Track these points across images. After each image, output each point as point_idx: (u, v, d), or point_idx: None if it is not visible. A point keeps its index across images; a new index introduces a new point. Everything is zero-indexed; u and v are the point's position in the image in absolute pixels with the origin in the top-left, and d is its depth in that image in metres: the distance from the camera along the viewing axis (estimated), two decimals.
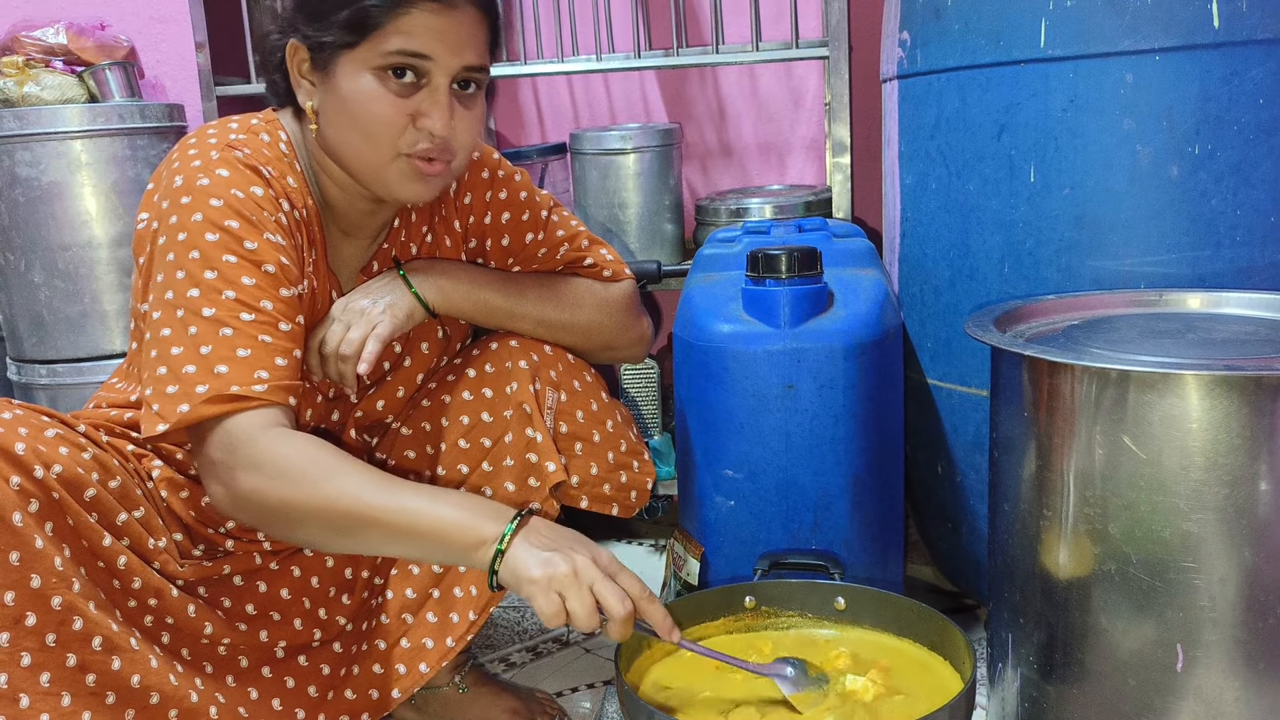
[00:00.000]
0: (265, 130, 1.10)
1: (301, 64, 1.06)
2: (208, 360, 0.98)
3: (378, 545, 1.01)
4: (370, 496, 0.97)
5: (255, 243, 1.01)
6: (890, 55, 1.49)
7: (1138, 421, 0.95)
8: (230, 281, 1.00)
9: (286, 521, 1.00)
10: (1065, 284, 1.30)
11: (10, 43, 1.89)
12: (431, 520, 0.96)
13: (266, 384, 0.98)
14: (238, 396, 0.97)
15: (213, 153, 1.05)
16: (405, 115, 1.03)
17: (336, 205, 1.13)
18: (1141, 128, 1.24)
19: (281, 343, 1.01)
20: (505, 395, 1.17)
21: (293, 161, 1.10)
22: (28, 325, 1.83)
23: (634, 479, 1.25)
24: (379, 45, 1.01)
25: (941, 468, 1.48)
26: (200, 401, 0.97)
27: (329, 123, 1.06)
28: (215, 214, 1.01)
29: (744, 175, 2.15)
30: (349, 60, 1.02)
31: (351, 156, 1.06)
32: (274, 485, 0.97)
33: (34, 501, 0.94)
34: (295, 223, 1.07)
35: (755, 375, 1.29)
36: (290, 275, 1.04)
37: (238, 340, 0.99)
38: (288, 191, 1.07)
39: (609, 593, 0.93)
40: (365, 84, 1.02)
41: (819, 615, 1.18)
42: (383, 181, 1.07)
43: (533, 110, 2.18)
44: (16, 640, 0.92)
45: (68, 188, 1.76)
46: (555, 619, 0.93)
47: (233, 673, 1.11)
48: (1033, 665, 1.07)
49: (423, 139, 1.04)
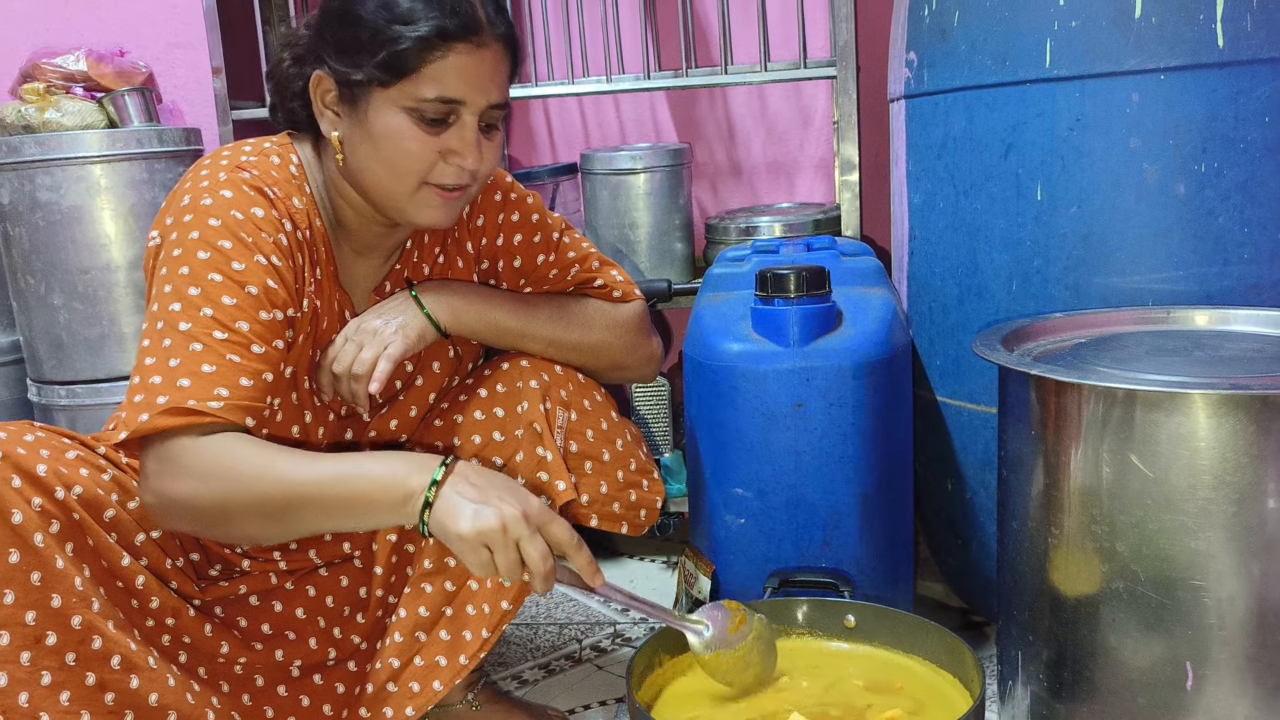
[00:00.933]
0: (277, 153, 1.12)
1: (326, 94, 1.08)
2: (174, 373, 0.99)
3: (314, 523, 1.01)
4: (296, 474, 0.98)
5: (244, 264, 1.03)
6: (897, 75, 1.50)
7: (1145, 440, 0.95)
8: (211, 299, 1.01)
9: (223, 519, 1.00)
10: (1073, 302, 1.30)
11: (32, 70, 1.93)
12: (358, 482, 0.98)
13: (224, 401, 0.98)
14: (193, 411, 0.97)
15: (221, 174, 1.07)
16: (435, 152, 1.06)
17: (350, 226, 1.15)
18: (1148, 146, 1.24)
19: (250, 364, 1.01)
20: (516, 414, 1.18)
21: (302, 183, 1.12)
22: (47, 347, 1.85)
23: (643, 498, 1.26)
24: (412, 88, 1.03)
25: (951, 485, 1.48)
26: (158, 412, 0.98)
27: (354, 153, 1.08)
28: (211, 233, 1.03)
29: (753, 194, 2.16)
30: (380, 98, 1.04)
31: (374, 186, 1.08)
32: (204, 486, 0.97)
33: (55, 522, 0.96)
34: (298, 243, 1.09)
35: (765, 394, 1.30)
36: (276, 298, 1.04)
37: (205, 356, 0.99)
38: (292, 212, 1.09)
39: (533, 549, 0.95)
40: (396, 122, 1.04)
41: (828, 633, 1.18)
42: (403, 210, 1.09)
43: (544, 131, 2.20)
44: (37, 659, 0.93)
45: (87, 211, 1.79)
46: (483, 571, 0.96)
47: (249, 691, 1.12)
48: (1042, 683, 1.07)
49: (449, 173, 1.07)
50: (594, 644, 1.60)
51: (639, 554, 1.96)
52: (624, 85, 1.86)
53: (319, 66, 1.07)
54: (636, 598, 1.05)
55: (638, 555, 1.96)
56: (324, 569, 1.22)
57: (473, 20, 1.03)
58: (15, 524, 0.93)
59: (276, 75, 1.14)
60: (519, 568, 0.96)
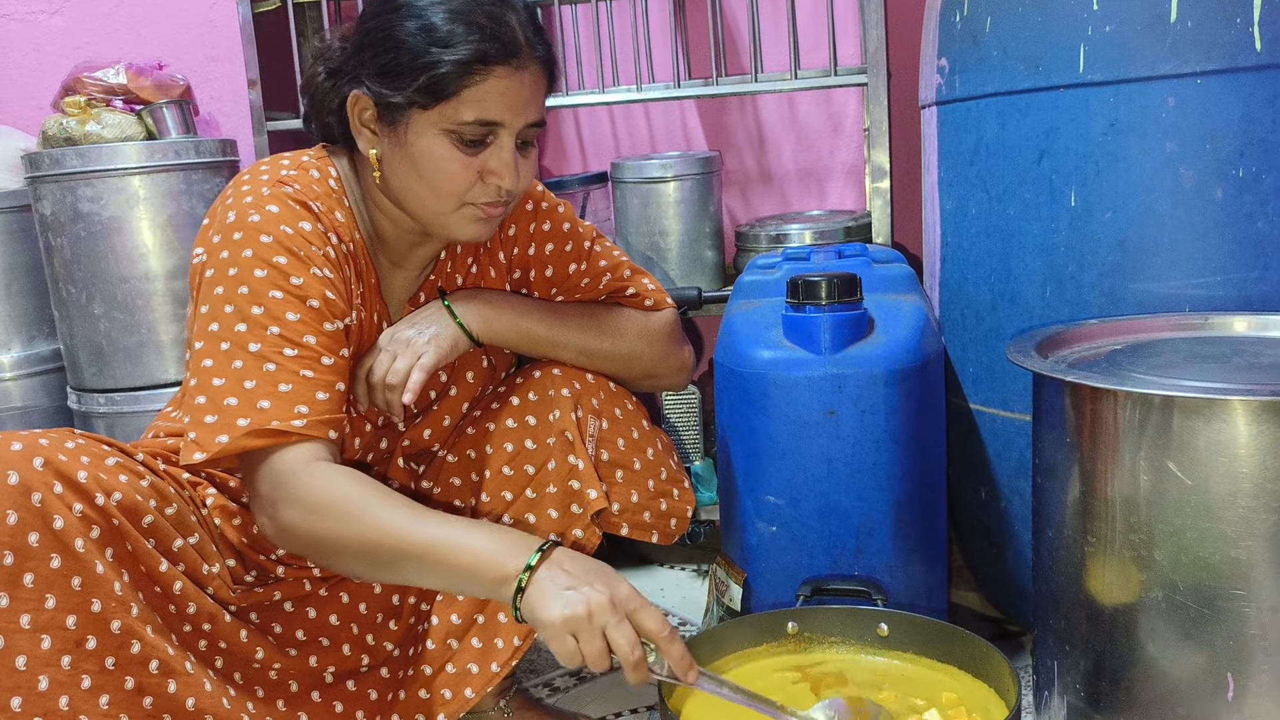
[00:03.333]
0: (315, 167, 1.14)
1: (363, 113, 1.09)
2: (250, 394, 1.01)
3: (413, 577, 1.03)
4: (404, 531, 0.99)
5: (301, 278, 1.04)
6: (929, 82, 1.49)
7: (1183, 447, 0.94)
8: (275, 317, 1.03)
9: (328, 553, 1.03)
10: (1108, 308, 1.29)
11: (73, 83, 1.97)
12: (461, 555, 0.98)
13: (306, 419, 1.01)
14: (278, 431, 1.00)
15: (264, 189, 1.08)
16: (474, 172, 1.07)
17: (387, 238, 1.17)
18: (1184, 151, 1.23)
19: (324, 377, 1.03)
20: (548, 423, 1.18)
21: (341, 197, 1.13)
22: (88, 355, 1.89)
23: (674, 507, 1.26)
24: (452, 112, 1.03)
25: (985, 493, 1.47)
26: (241, 435, 1.00)
27: (394, 172, 1.09)
28: (264, 250, 1.04)
29: (784, 201, 2.16)
30: (420, 120, 1.05)
31: (415, 204, 1.10)
32: (313, 520, 1.00)
33: (95, 528, 0.97)
34: (343, 256, 1.10)
35: (796, 401, 1.30)
36: (335, 309, 1.06)
37: (280, 375, 1.01)
38: (335, 226, 1.10)
39: (620, 636, 0.93)
40: (436, 144, 1.05)
41: (862, 641, 1.17)
42: (444, 226, 1.10)
43: (574, 140, 2.21)
44: (77, 663, 0.95)
45: (126, 222, 1.82)
46: (570, 660, 0.94)
47: (283, 697, 1.13)
48: (1079, 693, 1.06)
49: (489, 192, 1.08)
50: None
51: (670, 562, 1.96)
52: (654, 94, 1.86)
53: (356, 86, 1.08)
54: (740, 689, 0.98)
55: (668, 563, 1.96)
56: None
57: (512, 43, 1.04)
58: (57, 529, 0.94)
59: (311, 89, 1.15)
60: (606, 657, 0.93)
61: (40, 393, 2.03)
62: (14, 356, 2.00)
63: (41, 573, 0.94)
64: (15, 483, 0.94)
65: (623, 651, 0.93)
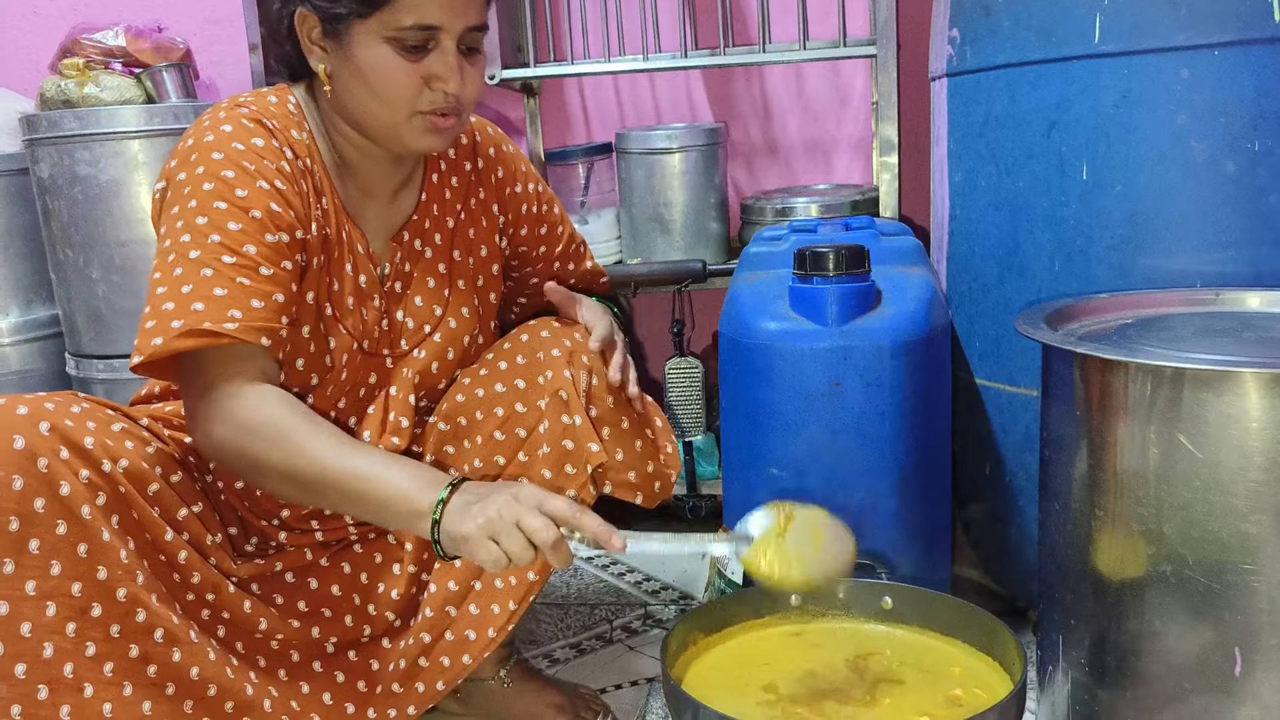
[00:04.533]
0: (274, 94, 1.16)
1: (311, 31, 1.10)
2: (186, 298, 1.02)
3: (335, 504, 1.06)
4: (327, 460, 1.01)
5: (246, 190, 1.05)
6: (939, 53, 1.48)
7: (1194, 420, 0.93)
8: (217, 226, 1.04)
9: (254, 472, 1.04)
10: (1118, 282, 1.28)
11: (71, 45, 1.94)
12: (380, 488, 1.01)
13: (239, 323, 1.02)
14: (210, 332, 1.01)
15: (221, 113, 1.11)
16: (419, 79, 1.07)
17: (352, 163, 1.17)
18: (1197, 123, 1.22)
19: (260, 286, 1.04)
20: (539, 385, 1.17)
21: (301, 120, 1.14)
22: (86, 320, 1.87)
23: (659, 470, 1.24)
24: (391, 18, 1.04)
25: (990, 468, 1.47)
26: (174, 336, 1.01)
27: (344, 87, 1.10)
28: (214, 165, 1.06)
29: (789, 174, 2.14)
30: (361, 30, 1.06)
31: (367, 117, 1.10)
32: (242, 439, 1.02)
33: (102, 494, 0.96)
34: (300, 171, 1.11)
35: (802, 373, 1.29)
36: (280, 221, 1.07)
37: (216, 281, 1.02)
38: (291, 142, 1.11)
39: (534, 521, 0.95)
40: (379, 53, 1.06)
41: (866, 614, 1.17)
42: (398, 139, 1.11)
43: (579, 110, 2.19)
44: (82, 630, 0.94)
45: (125, 186, 1.80)
46: (497, 565, 0.96)
47: (285, 667, 1.13)
48: (1084, 668, 1.06)
49: (437, 99, 1.08)
50: (625, 624, 1.60)
51: None
52: (661, 64, 1.84)
53: (299, 4, 1.09)
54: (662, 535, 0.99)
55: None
56: (359, 545, 1.22)
57: None
58: (63, 496, 0.94)
59: (269, 19, 1.16)
60: (529, 549, 0.96)
61: (38, 358, 2.01)
62: (12, 322, 1.98)
63: (47, 539, 0.93)
64: (21, 447, 0.93)
65: (540, 536, 0.95)
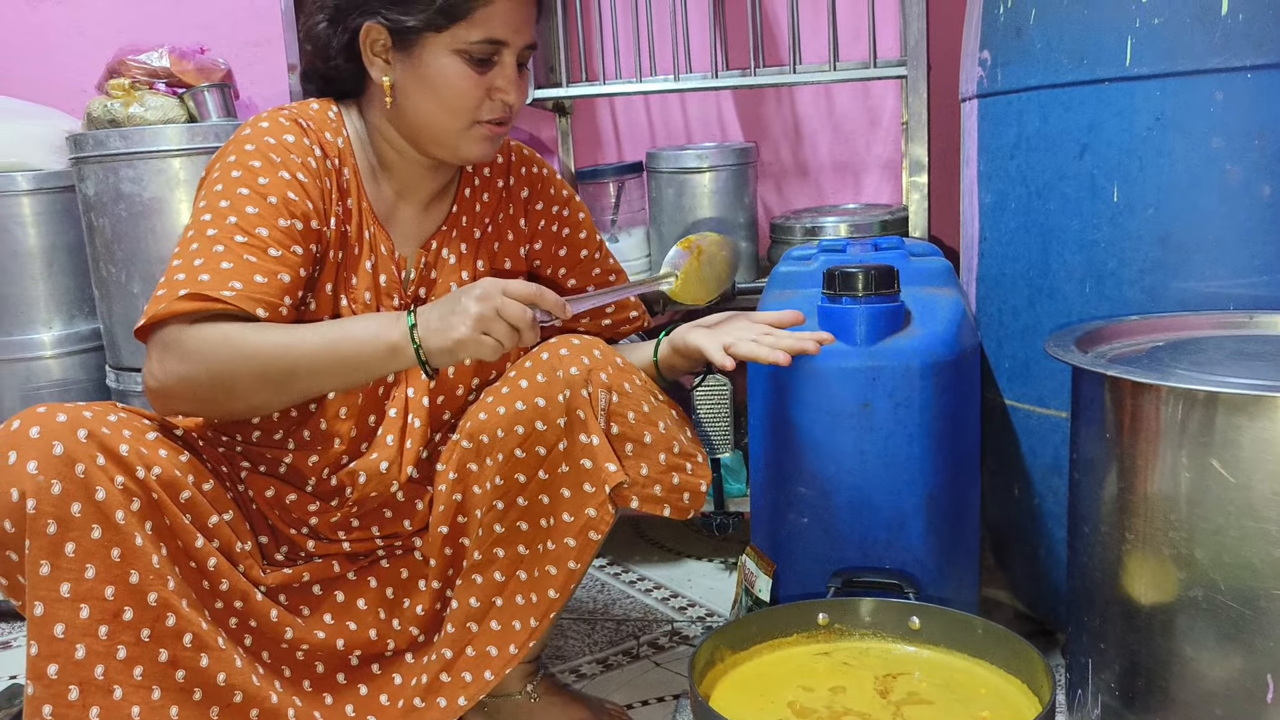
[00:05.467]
0: (316, 102, 1.23)
1: (375, 43, 1.16)
2: (196, 270, 1.07)
3: (311, 386, 1.10)
4: (285, 346, 1.06)
5: (268, 178, 1.12)
6: (970, 74, 1.48)
7: (1227, 445, 0.93)
8: (236, 209, 1.10)
9: (224, 393, 1.07)
10: (1149, 305, 1.27)
11: (118, 66, 1.99)
12: (346, 344, 1.08)
13: (236, 292, 1.06)
14: (206, 296, 1.05)
15: (263, 114, 1.18)
16: (483, 89, 1.16)
17: (391, 165, 1.23)
18: (1231, 146, 1.21)
19: (267, 264, 1.09)
20: (558, 403, 1.18)
21: (339, 127, 1.21)
22: (126, 334, 1.91)
23: (687, 481, 1.23)
24: (464, 32, 1.12)
25: (1018, 490, 1.46)
26: (175, 299, 1.05)
27: (407, 96, 1.16)
28: (245, 156, 1.13)
29: (819, 194, 2.15)
30: (434, 42, 1.13)
31: (427, 124, 1.17)
32: (204, 365, 1.05)
33: (136, 500, 0.99)
34: (326, 169, 1.17)
35: (830, 393, 1.29)
36: (295, 208, 1.12)
37: (225, 256, 1.08)
38: (323, 143, 1.18)
39: (512, 308, 1.04)
40: (449, 64, 1.14)
41: (893, 634, 1.17)
42: (454, 146, 1.18)
43: (610, 129, 2.21)
44: (114, 633, 0.96)
45: (167, 203, 1.84)
46: (495, 353, 1.05)
47: (310, 678, 1.14)
48: (1114, 692, 1.05)
49: (496, 109, 1.17)
50: (651, 641, 1.61)
51: (698, 555, 1.96)
52: (692, 84, 1.86)
53: (368, 18, 1.15)
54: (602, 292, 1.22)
55: (695, 555, 1.96)
56: (385, 559, 1.24)
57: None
58: (99, 500, 0.96)
59: (313, 37, 1.21)
60: (513, 331, 1.05)
61: (79, 370, 2.05)
62: (55, 335, 2.02)
63: (83, 543, 0.95)
64: (60, 453, 0.95)
65: (520, 318, 1.05)
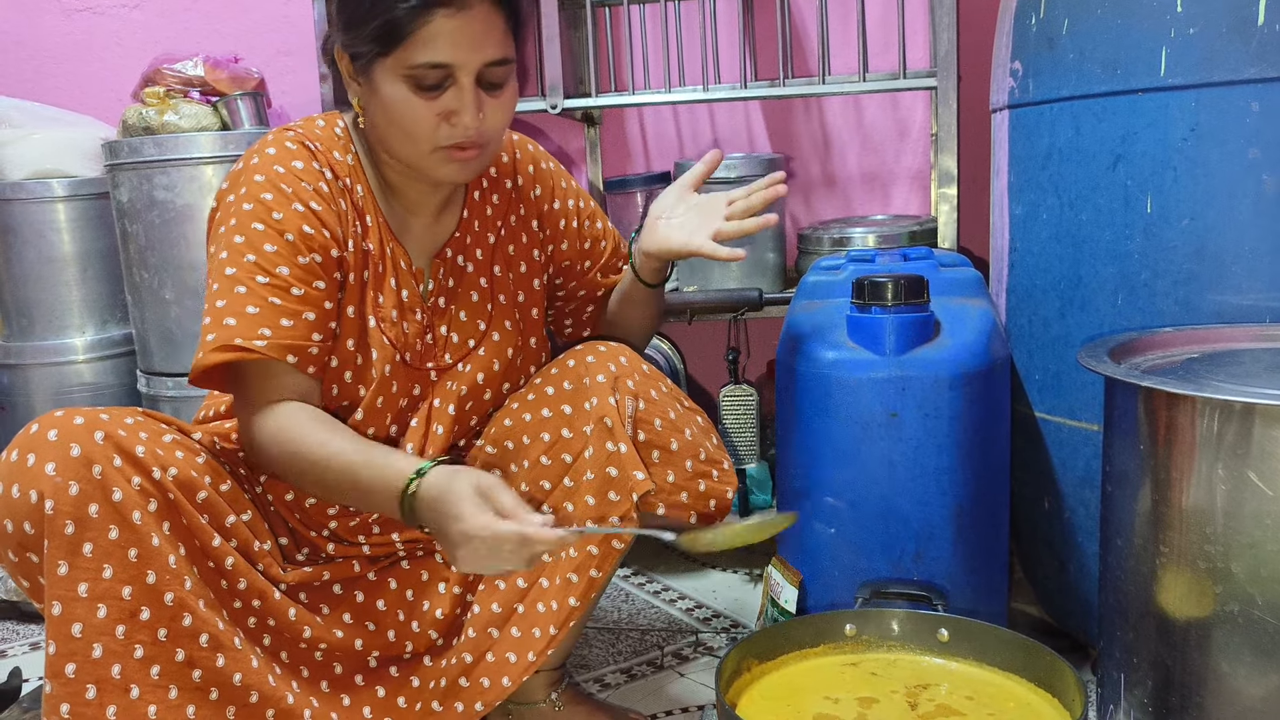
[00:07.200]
0: (323, 119, 1.22)
1: (347, 68, 1.15)
2: (220, 313, 1.08)
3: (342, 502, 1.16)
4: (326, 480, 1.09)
5: (282, 213, 1.11)
6: (1001, 85, 1.47)
7: (1264, 457, 0.91)
8: (254, 247, 1.09)
9: (292, 479, 1.12)
10: (1183, 317, 1.26)
11: (153, 74, 2.02)
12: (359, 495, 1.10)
13: (267, 340, 1.07)
14: (241, 348, 1.07)
15: (269, 137, 1.17)
16: (435, 115, 1.10)
17: (395, 186, 1.21)
18: (1268, 156, 1.20)
19: (291, 305, 1.10)
20: (584, 411, 1.18)
21: (347, 143, 1.19)
22: (158, 340, 1.93)
23: (713, 488, 1.23)
24: (405, 56, 1.07)
25: (1049, 503, 1.44)
26: (210, 350, 1.07)
27: (373, 121, 1.15)
28: (256, 188, 1.12)
29: (847, 205, 2.14)
30: (382, 68, 1.10)
31: (395, 149, 1.15)
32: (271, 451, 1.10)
33: (153, 501, 1.00)
34: (339, 190, 1.16)
35: (859, 402, 1.29)
36: (313, 242, 1.12)
37: (249, 299, 1.08)
38: (333, 163, 1.16)
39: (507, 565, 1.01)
40: (398, 91, 1.09)
41: (922, 646, 1.16)
42: (424, 169, 1.15)
43: (639, 140, 2.22)
44: (131, 633, 0.97)
45: (199, 210, 1.86)
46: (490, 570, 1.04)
47: (327, 678, 1.14)
48: (1146, 708, 1.03)
49: (456, 134, 1.11)
50: (676, 651, 1.60)
51: (723, 565, 1.95)
52: (720, 94, 1.86)
53: (336, 43, 1.14)
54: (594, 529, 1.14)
55: (721, 566, 1.95)
56: (406, 561, 1.24)
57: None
58: (116, 501, 0.97)
59: (325, 51, 1.21)
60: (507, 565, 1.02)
61: (111, 374, 2.08)
62: (87, 339, 2.05)
63: (100, 543, 0.96)
64: (77, 455, 0.96)
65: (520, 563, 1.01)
